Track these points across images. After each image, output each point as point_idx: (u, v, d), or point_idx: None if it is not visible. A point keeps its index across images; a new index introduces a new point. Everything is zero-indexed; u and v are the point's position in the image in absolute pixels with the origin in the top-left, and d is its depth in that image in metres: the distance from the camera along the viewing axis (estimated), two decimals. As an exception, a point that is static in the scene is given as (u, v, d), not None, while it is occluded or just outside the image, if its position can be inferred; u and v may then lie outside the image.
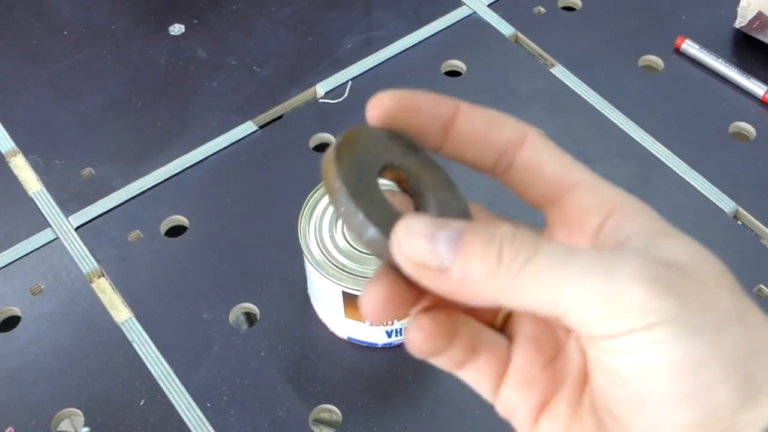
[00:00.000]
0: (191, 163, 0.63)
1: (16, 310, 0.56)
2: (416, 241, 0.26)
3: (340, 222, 0.53)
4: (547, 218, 0.31)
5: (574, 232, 0.29)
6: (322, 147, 0.64)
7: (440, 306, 0.29)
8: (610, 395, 0.27)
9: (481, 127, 0.30)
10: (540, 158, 0.30)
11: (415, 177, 0.30)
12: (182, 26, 0.72)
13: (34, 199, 0.62)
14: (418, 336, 0.28)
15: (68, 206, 0.61)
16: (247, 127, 0.65)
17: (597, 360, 0.27)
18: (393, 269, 0.27)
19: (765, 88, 0.66)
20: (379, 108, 0.29)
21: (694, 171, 0.63)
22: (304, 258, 0.53)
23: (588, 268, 0.25)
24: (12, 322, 0.56)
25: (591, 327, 0.25)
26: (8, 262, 0.58)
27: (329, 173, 0.27)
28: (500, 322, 0.31)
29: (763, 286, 0.57)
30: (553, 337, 0.30)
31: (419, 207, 0.30)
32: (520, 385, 0.29)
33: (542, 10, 0.73)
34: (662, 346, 0.25)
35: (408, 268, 0.26)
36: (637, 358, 0.25)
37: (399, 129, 0.29)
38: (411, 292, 0.28)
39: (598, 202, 0.29)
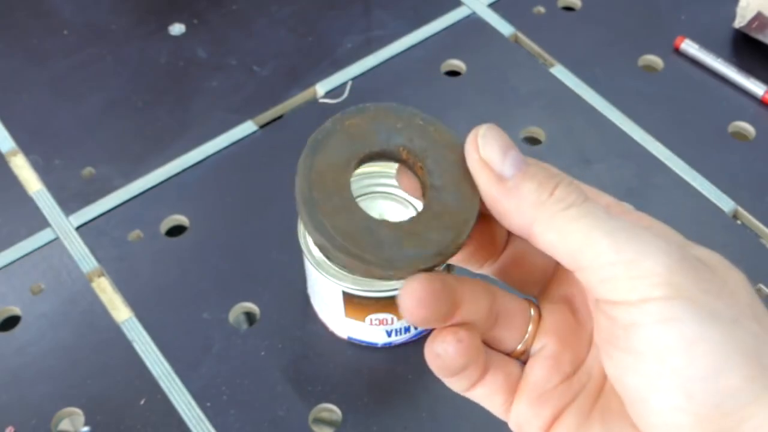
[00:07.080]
0: (191, 163, 0.63)
1: (16, 310, 0.56)
2: (491, 147, 0.29)
3: None
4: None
5: None
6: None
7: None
8: (625, 385, 0.27)
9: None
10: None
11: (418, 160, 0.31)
12: (182, 26, 0.72)
13: (35, 198, 0.62)
14: (453, 348, 0.29)
15: (68, 206, 0.61)
16: (247, 127, 0.65)
17: (611, 340, 0.27)
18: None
19: (764, 88, 0.66)
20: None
21: (693, 170, 0.63)
22: (304, 258, 0.53)
23: (622, 230, 0.27)
24: (12, 322, 0.56)
25: (608, 287, 0.26)
26: (8, 262, 0.58)
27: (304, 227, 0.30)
28: (521, 349, 0.31)
29: (762, 286, 0.57)
30: (574, 353, 0.30)
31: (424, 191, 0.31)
32: (534, 401, 0.30)
33: (542, 10, 0.73)
34: (680, 322, 0.25)
35: (473, 164, 0.29)
36: (654, 333, 0.25)
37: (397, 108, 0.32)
38: (446, 290, 0.29)
39: None
